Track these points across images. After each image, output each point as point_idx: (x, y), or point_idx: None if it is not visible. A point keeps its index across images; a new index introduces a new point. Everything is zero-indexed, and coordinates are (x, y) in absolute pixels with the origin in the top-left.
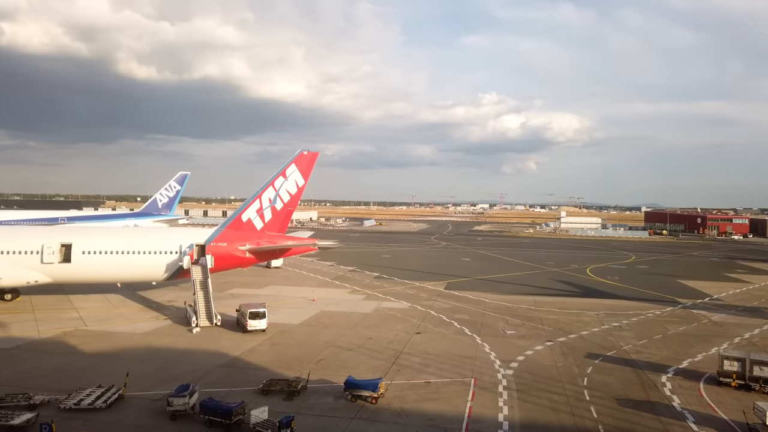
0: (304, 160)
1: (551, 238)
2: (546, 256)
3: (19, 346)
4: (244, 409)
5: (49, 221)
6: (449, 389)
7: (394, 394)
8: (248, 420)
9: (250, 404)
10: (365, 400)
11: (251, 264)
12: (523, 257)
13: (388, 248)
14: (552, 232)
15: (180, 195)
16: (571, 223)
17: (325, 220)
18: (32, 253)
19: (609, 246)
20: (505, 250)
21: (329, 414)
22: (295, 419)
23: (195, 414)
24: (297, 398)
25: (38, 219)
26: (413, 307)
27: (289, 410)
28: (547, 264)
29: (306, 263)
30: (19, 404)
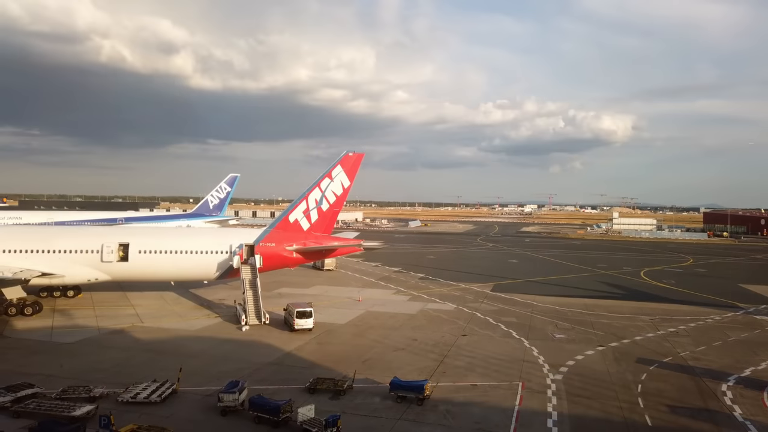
0: (350, 162)
1: (603, 240)
2: (597, 259)
3: (81, 341)
4: (291, 406)
5: (108, 222)
6: (496, 392)
7: (440, 396)
8: (295, 418)
9: (297, 402)
10: (411, 401)
11: (298, 264)
12: (573, 259)
13: (434, 249)
14: (604, 233)
15: (230, 196)
16: (624, 224)
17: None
18: (93, 252)
19: (665, 248)
20: (554, 251)
21: (375, 414)
22: (341, 418)
23: (244, 410)
24: (343, 397)
25: (98, 219)
26: (459, 308)
27: (335, 409)
28: (598, 266)
29: (351, 264)
30: (80, 396)
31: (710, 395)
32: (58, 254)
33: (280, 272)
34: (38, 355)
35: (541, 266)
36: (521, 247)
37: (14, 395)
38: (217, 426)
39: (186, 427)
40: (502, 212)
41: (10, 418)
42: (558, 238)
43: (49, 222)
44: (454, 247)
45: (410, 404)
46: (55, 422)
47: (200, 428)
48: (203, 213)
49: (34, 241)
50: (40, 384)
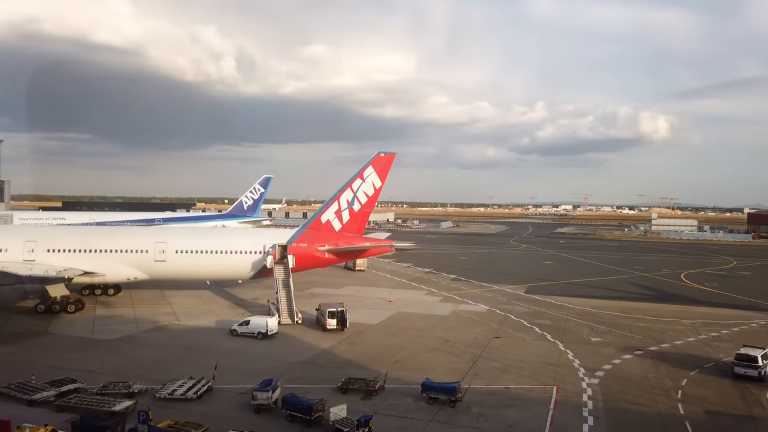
0: (381, 162)
1: (641, 241)
2: (635, 260)
3: (120, 338)
4: (323, 406)
5: (147, 222)
6: (530, 396)
7: (473, 399)
8: (327, 417)
9: (329, 402)
10: (443, 403)
11: (330, 264)
12: (609, 261)
13: (466, 250)
14: (642, 234)
15: (264, 197)
16: (664, 225)
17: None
18: (132, 252)
19: (706, 250)
20: (590, 253)
21: (406, 415)
22: (373, 419)
23: (277, 408)
24: (374, 398)
25: (138, 220)
26: (492, 310)
27: (367, 409)
28: (636, 268)
29: (383, 264)
30: (120, 392)
31: (754, 402)
32: (100, 254)
33: (313, 272)
34: (80, 352)
35: (577, 268)
36: (556, 249)
37: (58, 390)
38: (251, 423)
39: (221, 424)
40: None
41: (54, 412)
42: (594, 239)
43: (91, 222)
44: (487, 248)
45: (442, 406)
46: (96, 417)
47: (235, 425)
48: (237, 214)
49: (77, 241)
50: (82, 379)
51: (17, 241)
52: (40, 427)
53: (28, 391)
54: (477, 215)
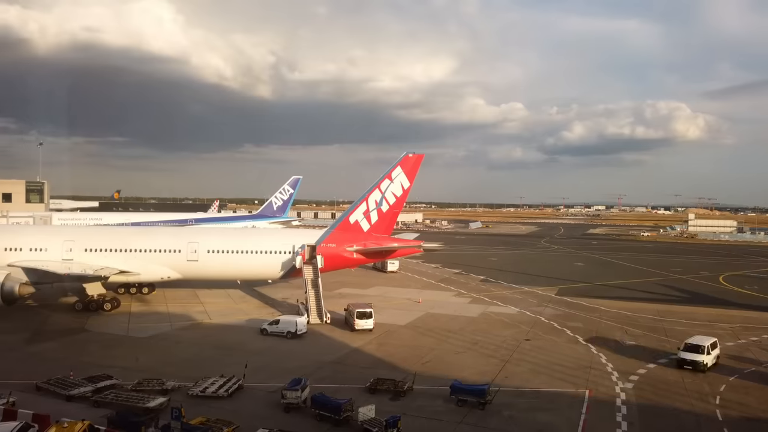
0: (409, 163)
1: (677, 243)
2: (671, 262)
3: (154, 336)
4: (352, 406)
5: (180, 222)
6: (561, 400)
7: (503, 401)
8: (356, 417)
9: (358, 402)
10: (472, 406)
11: (358, 264)
12: (644, 263)
13: (495, 251)
14: (678, 235)
15: (293, 198)
16: (701, 226)
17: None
18: (165, 252)
19: (746, 252)
20: (624, 254)
21: (435, 417)
22: (401, 419)
23: (306, 408)
24: (403, 399)
25: (170, 221)
26: (522, 312)
27: (396, 410)
28: (672, 270)
29: (411, 265)
30: (154, 389)
31: None
32: (135, 253)
33: (341, 272)
34: (116, 348)
35: (610, 270)
36: (588, 250)
37: (94, 386)
38: (280, 422)
39: (251, 422)
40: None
41: (91, 408)
42: (628, 240)
43: (126, 223)
44: (517, 249)
45: (471, 408)
46: (131, 412)
47: (264, 424)
48: (267, 214)
49: (113, 241)
50: (117, 375)
51: (56, 240)
52: (78, 422)
53: (66, 387)
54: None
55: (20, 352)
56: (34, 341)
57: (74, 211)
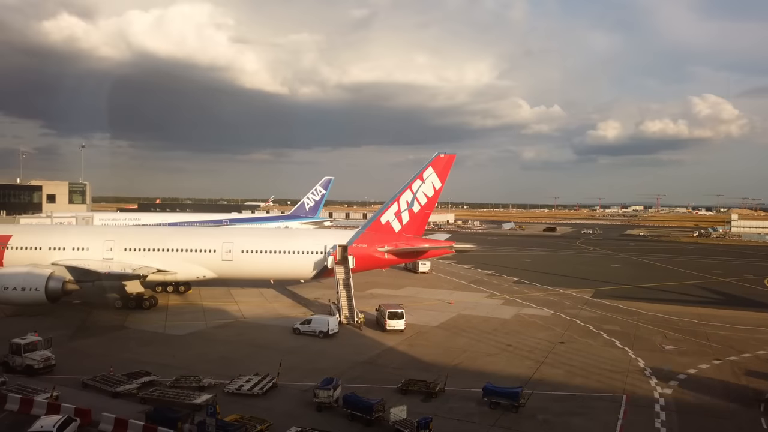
0: (441, 163)
1: (719, 244)
2: (713, 264)
3: (191, 334)
4: (383, 406)
5: (215, 223)
6: (597, 404)
7: (536, 405)
8: (388, 417)
9: (389, 402)
10: (505, 408)
11: (390, 265)
12: (684, 265)
13: (529, 252)
14: (720, 237)
15: (325, 198)
16: (745, 227)
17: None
18: (201, 252)
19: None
20: (663, 256)
21: (467, 419)
22: (433, 421)
23: (338, 407)
24: (435, 400)
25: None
26: (556, 314)
27: (427, 411)
28: (714, 273)
29: (443, 266)
30: (191, 385)
31: None
32: (172, 253)
33: (373, 273)
34: (153, 345)
35: (648, 272)
36: (625, 251)
37: (138, 382)
38: (313, 421)
39: (284, 421)
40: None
41: (134, 404)
42: (667, 241)
43: (164, 223)
44: (551, 251)
45: (504, 411)
46: (169, 408)
47: (297, 422)
48: (299, 215)
49: (151, 241)
50: (155, 372)
51: (97, 240)
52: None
53: (111, 384)
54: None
55: (63, 348)
56: (77, 337)
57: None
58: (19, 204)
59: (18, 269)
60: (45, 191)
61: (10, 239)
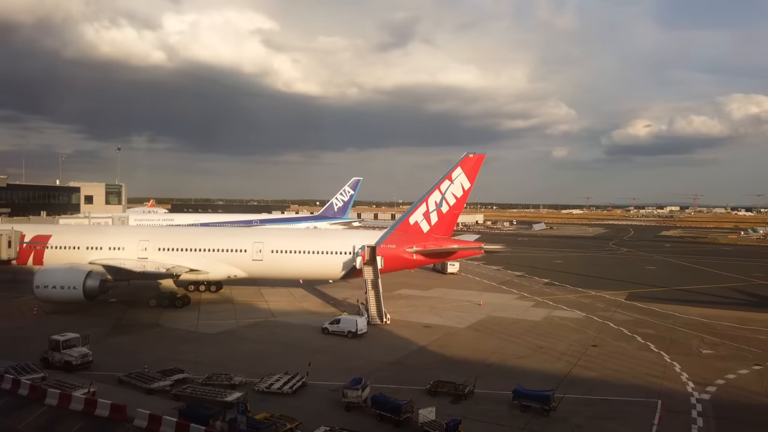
0: (470, 163)
1: (761, 246)
2: (754, 267)
3: (222, 332)
4: (412, 407)
5: (245, 223)
6: (631, 409)
7: (568, 409)
8: (416, 418)
9: (418, 403)
10: (536, 412)
11: (418, 266)
12: (723, 267)
13: (560, 253)
14: (761, 238)
15: (353, 199)
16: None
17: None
18: (232, 251)
19: None
20: (700, 258)
21: (497, 422)
22: (462, 423)
23: (367, 407)
24: (464, 402)
25: (237, 221)
26: (588, 317)
27: (456, 413)
28: (754, 276)
29: (472, 267)
30: (223, 383)
31: None
32: (204, 252)
33: (401, 274)
34: (186, 343)
35: (685, 274)
36: (661, 253)
37: (171, 379)
38: (342, 421)
39: (314, 420)
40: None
41: (169, 400)
42: (705, 243)
43: (196, 223)
44: (583, 252)
45: (535, 414)
46: (201, 405)
47: (326, 422)
48: (328, 215)
49: (184, 241)
50: (188, 369)
51: (133, 240)
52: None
53: (146, 381)
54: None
55: (100, 345)
56: (113, 335)
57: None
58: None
59: (57, 268)
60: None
61: (50, 239)
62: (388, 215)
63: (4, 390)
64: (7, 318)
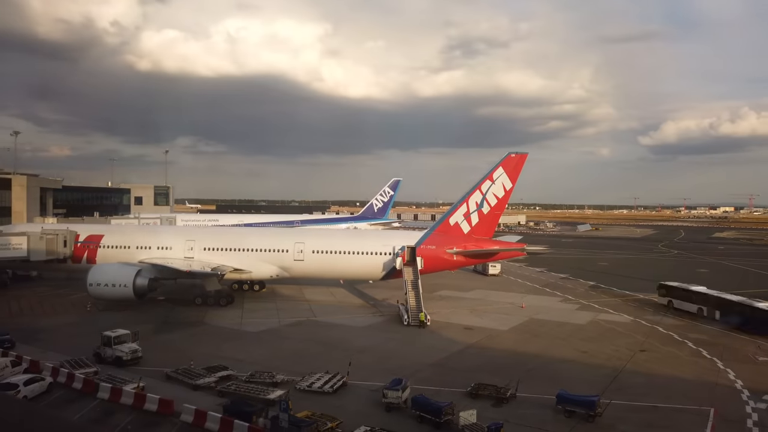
0: (512, 163)
1: None
2: None
3: (264, 331)
4: (453, 409)
5: (287, 224)
6: (681, 417)
7: (614, 415)
8: (457, 421)
9: (459, 406)
10: (580, 417)
11: (458, 267)
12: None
13: (606, 255)
14: None
15: (393, 200)
16: None
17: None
18: (275, 251)
19: None
20: (757, 261)
21: (540, 426)
22: (503, 427)
23: (407, 408)
24: (505, 405)
25: (279, 222)
26: (636, 321)
27: (498, 417)
28: None
29: (514, 268)
30: (265, 381)
31: None
32: (247, 252)
33: (441, 275)
34: (230, 341)
35: (740, 278)
36: (714, 255)
37: (216, 376)
38: (382, 421)
39: (354, 419)
40: (690, 215)
41: (214, 396)
42: (762, 245)
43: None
44: (631, 254)
45: (579, 420)
46: (244, 402)
47: (366, 421)
48: (368, 216)
49: (228, 241)
50: (232, 367)
51: (179, 240)
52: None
53: (192, 377)
54: (619, 218)
55: (148, 341)
56: (160, 332)
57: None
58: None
59: (109, 266)
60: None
61: (103, 238)
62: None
63: (60, 383)
64: (63, 314)
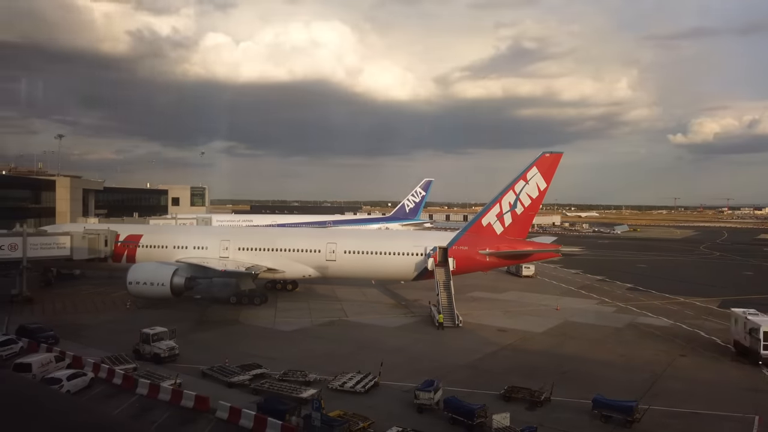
0: (546, 163)
1: None
2: None
3: (297, 330)
4: (485, 412)
5: (319, 224)
6: (724, 424)
7: (653, 421)
8: (489, 424)
9: (492, 408)
10: (617, 423)
11: (491, 268)
12: None
13: (644, 257)
14: None
15: (425, 200)
16: None
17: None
18: (307, 252)
19: None
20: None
21: (575, 431)
22: (538, 430)
23: (439, 410)
24: (540, 409)
25: (311, 222)
26: (677, 324)
27: (532, 420)
28: None
29: (548, 270)
30: (298, 380)
31: None
32: (280, 252)
33: (473, 276)
34: (264, 340)
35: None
36: (759, 258)
37: (250, 374)
38: (414, 422)
39: (385, 420)
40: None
41: (248, 394)
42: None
43: (273, 224)
44: (671, 256)
45: (616, 425)
46: (278, 400)
47: (398, 422)
48: (399, 216)
49: (262, 241)
50: (266, 365)
51: (215, 240)
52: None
53: (227, 374)
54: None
55: (185, 339)
56: (196, 330)
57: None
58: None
59: (147, 265)
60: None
61: (142, 238)
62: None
63: (101, 378)
64: (104, 312)
